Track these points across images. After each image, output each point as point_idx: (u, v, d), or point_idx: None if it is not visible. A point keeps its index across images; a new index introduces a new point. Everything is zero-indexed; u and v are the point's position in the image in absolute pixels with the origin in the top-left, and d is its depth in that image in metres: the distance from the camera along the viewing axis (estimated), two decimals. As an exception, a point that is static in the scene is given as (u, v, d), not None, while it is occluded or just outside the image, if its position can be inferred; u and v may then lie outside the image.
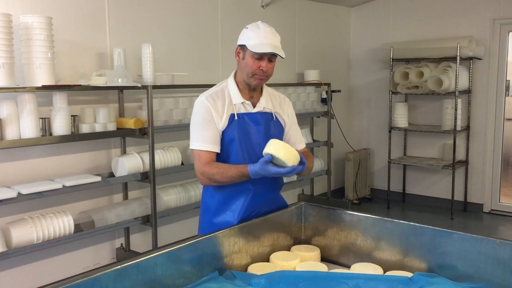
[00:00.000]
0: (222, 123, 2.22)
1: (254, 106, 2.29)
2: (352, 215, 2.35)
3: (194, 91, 4.43)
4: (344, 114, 6.68)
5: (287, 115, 2.40)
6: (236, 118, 2.23)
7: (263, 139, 2.25)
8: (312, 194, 6.07)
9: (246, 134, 2.25)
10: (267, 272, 2.01)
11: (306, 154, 2.39)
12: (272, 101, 2.36)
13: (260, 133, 2.27)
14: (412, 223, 2.15)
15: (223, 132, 2.23)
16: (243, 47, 2.20)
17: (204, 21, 4.80)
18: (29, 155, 3.53)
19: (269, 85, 2.45)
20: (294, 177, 5.22)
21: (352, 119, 6.93)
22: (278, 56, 2.19)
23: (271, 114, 2.33)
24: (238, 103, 2.25)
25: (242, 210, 2.27)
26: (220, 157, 2.27)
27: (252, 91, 2.29)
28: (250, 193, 2.28)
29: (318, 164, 5.69)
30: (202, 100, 2.23)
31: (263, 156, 2.21)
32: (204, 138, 2.21)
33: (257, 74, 2.20)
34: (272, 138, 2.26)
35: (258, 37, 2.15)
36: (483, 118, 5.94)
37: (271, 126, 2.32)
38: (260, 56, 2.17)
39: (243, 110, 2.26)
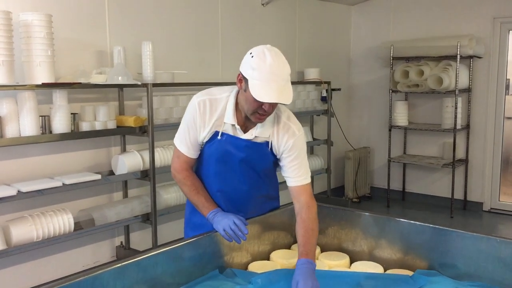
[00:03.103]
0: (204, 134, 2.06)
1: (246, 131, 2.06)
2: (352, 214, 2.36)
3: (194, 89, 4.42)
4: (344, 113, 6.68)
5: (285, 148, 2.08)
6: (219, 137, 2.05)
7: (241, 167, 2.09)
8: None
9: (224, 158, 2.08)
10: (267, 270, 2.01)
11: (307, 208, 2.06)
12: (274, 128, 2.07)
13: (237, 160, 2.08)
14: (412, 222, 2.15)
15: (205, 145, 2.10)
16: (246, 79, 1.90)
17: (205, 19, 4.79)
18: (29, 153, 3.53)
19: None
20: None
21: (352, 117, 6.93)
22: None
23: (265, 143, 2.07)
24: (228, 123, 2.04)
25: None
26: (201, 168, 2.18)
27: None
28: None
29: (318, 163, 5.69)
30: (194, 102, 2.07)
31: (241, 184, 2.12)
32: (185, 141, 2.11)
33: (258, 113, 1.94)
34: (255, 169, 2.11)
35: (264, 77, 1.84)
36: (483, 116, 5.93)
37: (258, 157, 2.09)
38: None
39: (230, 132, 2.05)
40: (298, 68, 5.90)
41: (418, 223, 2.13)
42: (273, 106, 1.93)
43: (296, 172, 2.10)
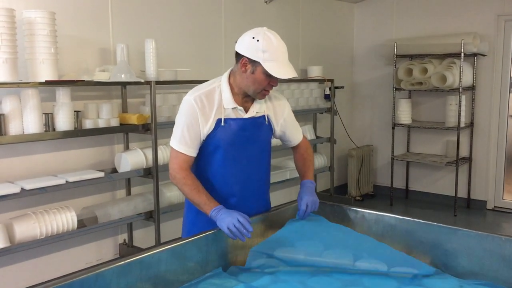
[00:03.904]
0: (208, 127, 2.12)
1: (246, 111, 2.19)
2: (355, 212, 2.35)
3: (197, 87, 4.42)
4: (347, 111, 6.67)
5: (283, 119, 2.31)
6: (222, 124, 2.13)
7: (247, 145, 2.19)
8: (315, 191, 6.05)
9: (231, 141, 2.16)
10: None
11: (305, 147, 2.46)
12: (267, 103, 2.25)
13: (244, 139, 2.18)
14: (416, 220, 2.15)
15: (208, 136, 2.14)
16: (254, 62, 2.05)
17: (208, 16, 4.78)
18: (32, 150, 3.53)
19: None
20: (297, 173, 5.21)
21: (355, 115, 6.92)
22: None
23: (263, 117, 2.23)
24: (229, 108, 2.15)
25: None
26: (206, 161, 2.20)
27: (247, 96, 2.18)
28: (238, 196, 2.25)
29: (321, 161, 5.68)
30: (189, 100, 2.12)
31: (248, 161, 2.20)
32: (184, 140, 2.13)
33: (265, 90, 2.13)
34: (258, 144, 2.23)
35: (275, 57, 2.04)
36: (487, 114, 5.91)
37: (260, 131, 2.23)
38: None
39: (232, 116, 2.15)
40: (301, 66, 5.89)
41: (421, 221, 2.13)
42: (277, 81, 2.12)
43: (296, 131, 2.40)
